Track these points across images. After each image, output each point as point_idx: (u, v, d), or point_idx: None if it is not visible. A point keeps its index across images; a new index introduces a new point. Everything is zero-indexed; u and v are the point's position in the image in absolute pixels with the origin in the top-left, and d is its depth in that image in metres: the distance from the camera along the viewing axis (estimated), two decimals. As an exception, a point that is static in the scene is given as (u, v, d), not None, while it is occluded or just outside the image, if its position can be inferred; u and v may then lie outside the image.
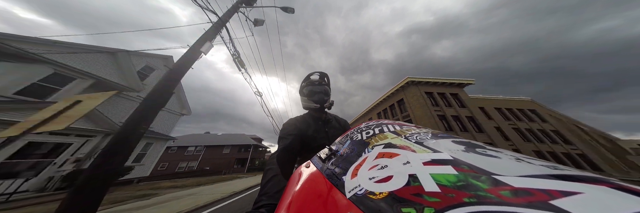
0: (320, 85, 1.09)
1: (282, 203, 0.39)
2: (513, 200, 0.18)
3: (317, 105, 1.01)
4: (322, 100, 1.02)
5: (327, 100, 1.05)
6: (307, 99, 1.06)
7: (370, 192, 0.27)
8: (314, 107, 1.02)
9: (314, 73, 1.15)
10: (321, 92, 1.06)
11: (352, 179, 0.32)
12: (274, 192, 0.51)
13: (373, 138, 0.44)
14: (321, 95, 1.05)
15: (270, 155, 0.77)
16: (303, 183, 0.42)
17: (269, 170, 0.63)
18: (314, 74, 1.16)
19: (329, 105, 1.07)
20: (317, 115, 1.07)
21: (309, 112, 1.10)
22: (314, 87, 1.08)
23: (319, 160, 0.48)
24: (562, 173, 0.21)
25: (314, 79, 1.14)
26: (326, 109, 1.09)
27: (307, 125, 0.98)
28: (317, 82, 1.12)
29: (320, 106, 1.01)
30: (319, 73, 1.16)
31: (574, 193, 0.17)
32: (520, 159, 0.25)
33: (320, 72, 1.16)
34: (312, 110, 1.07)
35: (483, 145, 0.32)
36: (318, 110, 1.05)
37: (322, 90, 1.07)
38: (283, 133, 0.89)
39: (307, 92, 1.08)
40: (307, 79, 1.14)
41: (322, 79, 1.15)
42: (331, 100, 1.09)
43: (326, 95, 1.07)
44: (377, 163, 0.33)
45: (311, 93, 1.06)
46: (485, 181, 0.21)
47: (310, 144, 0.91)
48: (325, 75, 1.17)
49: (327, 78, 1.18)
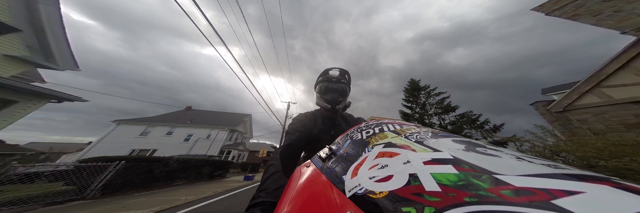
0: (337, 83, 0.96)
1: (282, 203, 0.39)
2: (514, 200, 0.18)
3: (328, 105, 0.91)
4: (335, 100, 0.91)
5: (341, 101, 0.93)
6: (320, 96, 0.95)
7: (371, 191, 0.27)
8: (325, 107, 0.92)
9: (334, 68, 1.03)
10: (336, 91, 0.94)
11: (352, 178, 0.32)
12: (273, 189, 0.51)
13: (373, 138, 0.44)
14: (335, 94, 0.93)
15: (275, 150, 0.76)
16: (303, 183, 0.42)
17: (271, 166, 0.63)
18: (334, 69, 1.03)
19: (343, 106, 0.95)
20: (328, 114, 0.98)
21: (319, 109, 1.02)
22: (330, 84, 0.95)
23: (319, 160, 0.48)
24: (564, 173, 0.21)
25: (333, 74, 1.01)
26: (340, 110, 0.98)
27: (314, 124, 0.93)
28: (335, 78, 0.98)
29: (331, 107, 0.91)
30: (339, 69, 1.03)
31: (576, 193, 0.17)
32: (521, 158, 0.25)
33: (340, 69, 1.03)
34: (323, 108, 0.98)
35: (483, 145, 0.32)
36: (330, 110, 0.94)
37: (338, 89, 0.94)
38: (290, 128, 0.87)
39: (321, 88, 0.96)
40: (325, 74, 1.01)
41: (341, 76, 1.02)
42: (348, 101, 0.98)
43: (342, 96, 0.94)
44: (377, 162, 0.33)
45: (325, 90, 0.94)
46: (486, 180, 0.21)
47: (314, 143, 0.89)
48: (346, 72, 1.03)
49: (348, 75, 1.04)
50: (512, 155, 0.27)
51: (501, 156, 0.26)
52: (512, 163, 0.24)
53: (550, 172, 0.21)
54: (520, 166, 0.23)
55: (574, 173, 0.20)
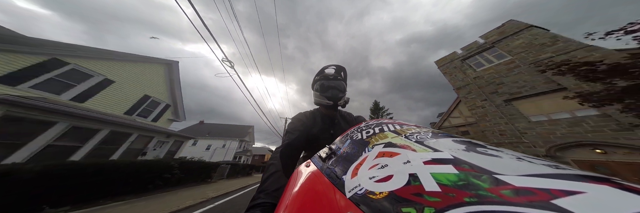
0: (335, 80, 0.98)
1: (281, 203, 0.39)
2: (514, 200, 0.18)
3: (330, 102, 0.91)
4: (335, 96, 0.92)
5: (341, 97, 0.95)
6: (319, 94, 0.95)
7: (371, 191, 0.27)
8: (327, 103, 0.92)
9: (329, 66, 1.05)
10: (335, 88, 0.95)
11: (352, 179, 0.32)
12: (273, 190, 0.51)
13: (373, 138, 0.44)
14: (335, 91, 0.94)
15: (275, 149, 0.75)
16: (303, 183, 0.42)
17: (271, 165, 0.63)
18: (329, 67, 1.04)
19: (344, 102, 0.96)
20: (327, 112, 0.99)
21: (319, 108, 1.03)
22: (328, 82, 0.97)
23: (319, 160, 0.48)
24: (564, 173, 0.21)
25: (329, 72, 1.02)
26: (340, 107, 0.99)
27: (313, 123, 0.93)
28: (332, 76, 0.99)
29: (333, 103, 0.91)
30: (334, 66, 1.04)
31: (576, 193, 0.17)
32: (521, 158, 0.25)
33: (336, 66, 1.04)
34: (323, 106, 0.98)
35: (484, 145, 0.31)
36: (330, 107, 0.95)
37: (336, 86, 0.96)
38: (290, 127, 0.87)
39: (320, 86, 0.97)
40: (322, 73, 1.02)
41: (338, 73, 1.03)
42: (347, 97, 0.99)
43: (341, 92, 0.96)
44: (378, 162, 0.33)
45: (324, 88, 0.95)
46: (486, 180, 0.21)
47: (313, 143, 0.90)
48: (342, 68, 1.04)
49: (343, 72, 1.05)
50: (513, 155, 0.27)
51: (501, 156, 0.26)
52: (513, 164, 0.24)
53: (550, 172, 0.21)
54: (520, 166, 0.23)
55: (574, 173, 0.20)
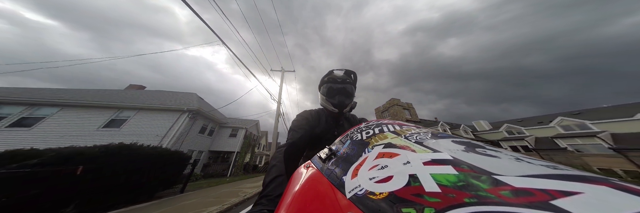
0: (343, 83, 0.92)
1: (282, 203, 0.39)
2: (513, 200, 0.18)
3: (335, 110, 0.88)
4: (342, 104, 0.88)
5: (348, 104, 0.90)
6: (325, 98, 0.91)
7: (371, 192, 0.27)
8: (332, 110, 0.89)
9: (339, 69, 1.01)
10: (342, 93, 0.90)
11: (352, 179, 0.32)
12: (276, 196, 0.49)
13: (373, 138, 0.44)
14: (342, 97, 0.89)
15: (278, 148, 0.73)
16: (303, 184, 0.42)
17: (274, 168, 0.61)
18: (339, 69, 1.00)
19: (350, 108, 0.92)
20: (333, 114, 0.96)
21: (324, 109, 1.00)
22: (336, 85, 0.91)
23: (319, 160, 0.48)
24: (563, 173, 0.21)
25: (337, 74, 0.97)
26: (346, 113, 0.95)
27: (317, 123, 0.91)
28: (340, 79, 0.93)
29: (338, 111, 0.88)
30: (344, 69, 1.00)
31: (574, 193, 0.17)
32: (520, 159, 0.25)
33: (346, 69, 1.00)
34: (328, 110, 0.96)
35: (483, 145, 0.32)
36: (336, 113, 0.92)
37: (344, 90, 0.91)
38: (294, 125, 0.85)
39: (327, 90, 0.92)
40: (330, 74, 0.97)
41: (347, 76, 0.98)
42: (354, 102, 0.95)
43: (348, 98, 0.91)
44: (377, 163, 0.33)
45: (332, 93, 0.91)
46: (486, 181, 0.21)
47: (315, 143, 0.88)
48: (351, 72, 1.00)
49: (353, 75, 1.00)
50: (512, 156, 0.27)
51: (500, 157, 0.26)
52: (511, 164, 0.24)
53: (549, 173, 0.21)
54: (519, 167, 0.23)
55: (572, 174, 0.20)
